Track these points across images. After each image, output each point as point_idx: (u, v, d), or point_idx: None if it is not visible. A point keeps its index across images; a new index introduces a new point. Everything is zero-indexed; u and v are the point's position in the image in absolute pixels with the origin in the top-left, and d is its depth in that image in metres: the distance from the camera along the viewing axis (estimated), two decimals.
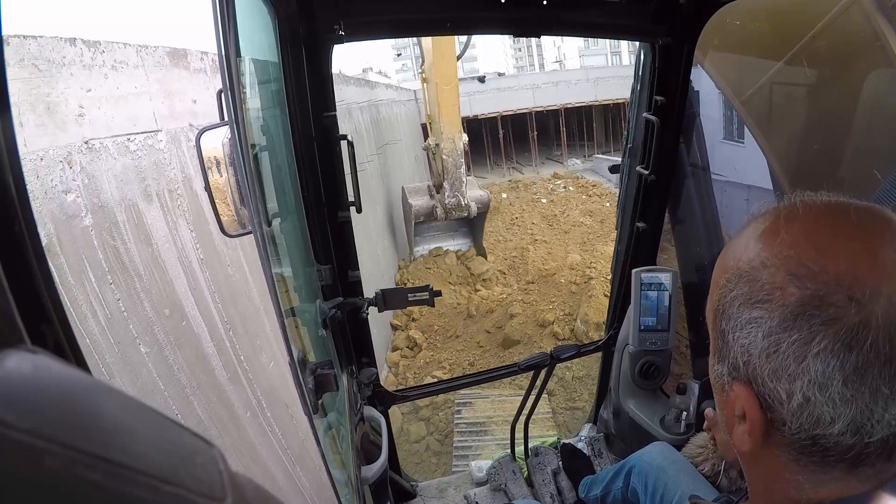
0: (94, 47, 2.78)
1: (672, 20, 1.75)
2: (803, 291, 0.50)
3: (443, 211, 10.38)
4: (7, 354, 0.22)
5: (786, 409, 0.52)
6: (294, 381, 1.03)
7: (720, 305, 0.58)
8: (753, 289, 0.54)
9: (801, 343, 0.50)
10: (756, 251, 0.55)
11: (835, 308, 0.48)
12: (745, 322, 0.54)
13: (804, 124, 1.95)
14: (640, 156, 2.01)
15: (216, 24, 0.82)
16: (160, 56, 3.37)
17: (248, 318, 3.80)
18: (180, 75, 3.59)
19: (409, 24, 1.70)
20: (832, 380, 0.49)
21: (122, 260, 2.66)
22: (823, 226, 0.53)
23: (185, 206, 3.27)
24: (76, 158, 2.48)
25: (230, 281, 3.66)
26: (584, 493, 1.89)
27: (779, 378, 0.52)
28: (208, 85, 3.86)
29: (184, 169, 3.32)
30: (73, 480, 0.20)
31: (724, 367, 0.58)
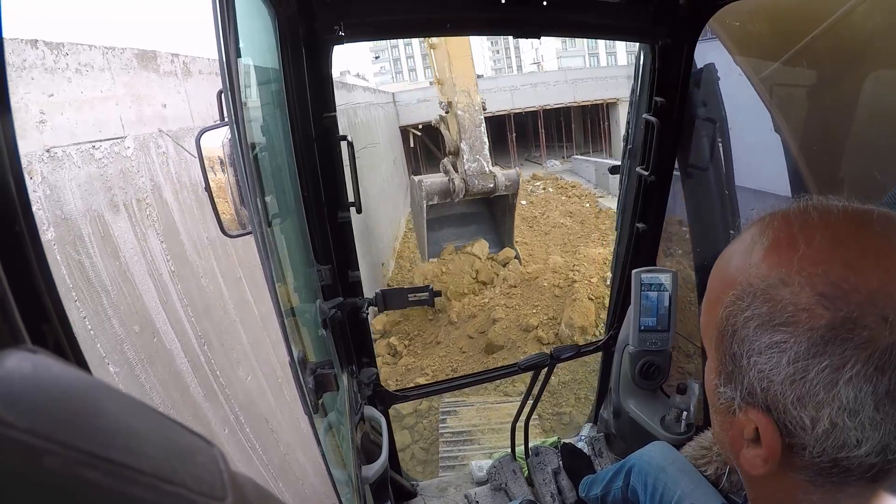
0: (57, 49, 2.66)
1: (671, 21, 1.75)
2: (834, 314, 0.46)
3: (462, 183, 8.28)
4: (7, 354, 0.22)
5: (809, 436, 0.49)
6: (294, 380, 1.03)
7: (728, 325, 0.54)
8: (774, 310, 0.49)
9: (832, 370, 0.46)
10: (771, 266, 0.51)
11: (869, 330, 0.45)
12: (766, 346, 0.50)
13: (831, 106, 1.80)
14: (640, 157, 2.01)
15: (216, 25, 0.82)
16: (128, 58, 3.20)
17: (224, 331, 3.62)
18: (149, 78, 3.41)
19: (408, 25, 1.69)
20: (863, 405, 0.46)
21: (87, 275, 2.53)
22: (848, 238, 0.49)
23: (154, 215, 3.10)
24: (37, 168, 2.36)
25: (203, 293, 3.49)
26: (584, 492, 1.89)
27: (804, 405, 0.48)
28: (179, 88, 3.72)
29: (153, 177, 3.15)
30: (73, 480, 0.20)
31: (735, 392, 0.54)
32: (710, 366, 0.60)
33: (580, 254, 10.54)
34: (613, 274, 2.40)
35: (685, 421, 1.86)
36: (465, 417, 6.32)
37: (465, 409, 6.45)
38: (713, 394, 0.60)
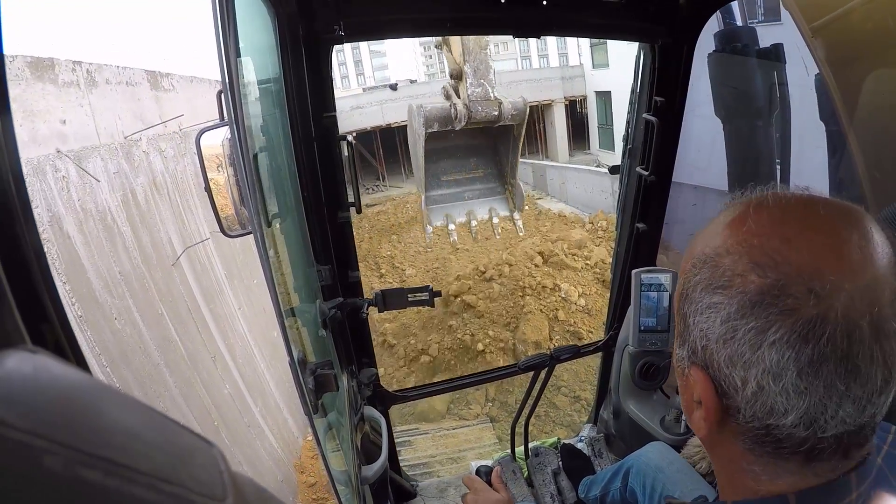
0: None
1: (671, 21, 1.75)
2: (763, 280, 0.50)
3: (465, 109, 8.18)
4: (7, 354, 0.22)
5: (740, 397, 0.53)
6: (294, 380, 1.03)
7: (684, 289, 0.58)
8: (715, 274, 0.54)
9: (758, 331, 0.50)
10: (723, 238, 0.55)
11: (793, 299, 0.48)
12: (705, 307, 0.54)
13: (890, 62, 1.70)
14: (640, 156, 2.01)
15: (216, 25, 0.82)
16: (18, 68, 2.88)
17: (146, 377, 3.35)
18: (44, 91, 3.04)
19: (408, 25, 1.69)
20: (786, 370, 0.49)
21: None
22: (791, 217, 0.53)
23: (53, 252, 2.82)
24: None
25: (119, 337, 3.18)
26: (583, 493, 1.89)
27: (734, 365, 0.52)
28: (81, 101, 3.32)
29: (51, 207, 2.84)
30: (73, 480, 0.20)
31: (684, 351, 0.59)
32: (677, 335, 0.63)
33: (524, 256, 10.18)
34: (613, 274, 2.40)
35: (685, 421, 1.86)
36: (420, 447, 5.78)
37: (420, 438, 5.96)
38: (674, 357, 0.63)
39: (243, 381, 4.76)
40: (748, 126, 2.37)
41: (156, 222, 4.06)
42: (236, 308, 5.20)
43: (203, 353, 4.22)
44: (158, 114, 4.53)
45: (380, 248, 13.56)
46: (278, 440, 5.06)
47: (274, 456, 4.88)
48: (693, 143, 2.37)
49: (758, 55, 2.32)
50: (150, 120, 4.30)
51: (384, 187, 20.04)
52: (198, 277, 4.48)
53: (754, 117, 2.35)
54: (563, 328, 8.33)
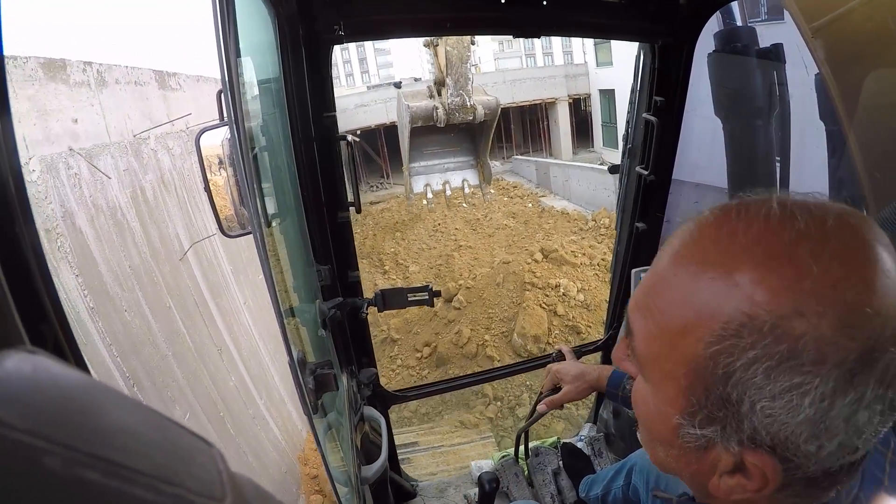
0: None
1: (671, 21, 1.75)
2: (860, 344, 0.41)
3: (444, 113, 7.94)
4: (6, 355, 0.22)
5: (811, 460, 0.45)
6: (294, 380, 1.03)
7: (718, 367, 0.45)
8: (793, 348, 0.41)
9: (854, 401, 0.42)
10: (776, 292, 0.42)
11: (888, 354, 0.41)
12: (782, 390, 0.42)
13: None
14: (640, 156, 2.01)
15: (216, 25, 0.82)
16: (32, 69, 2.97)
17: (155, 368, 3.44)
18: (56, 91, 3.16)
19: (408, 25, 1.69)
20: (872, 423, 0.43)
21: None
22: (852, 250, 0.43)
23: (66, 247, 2.91)
24: None
25: (129, 329, 3.28)
26: (584, 492, 1.89)
27: (818, 438, 0.44)
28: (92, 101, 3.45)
29: (64, 202, 2.96)
30: (72, 480, 0.20)
31: (719, 433, 0.48)
32: (667, 401, 0.52)
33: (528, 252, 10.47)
34: (613, 273, 2.40)
35: None
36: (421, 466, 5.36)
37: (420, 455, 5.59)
38: (671, 432, 0.52)
39: (248, 374, 4.83)
40: (748, 126, 2.38)
41: (164, 218, 4.15)
42: (241, 303, 5.28)
43: (209, 346, 4.31)
44: (166, 112, 4.62)
45: (384, 245, 13.55)
46: (282, 432, 5.11)
47: (278, 447, 4.95)
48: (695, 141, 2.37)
49: (758, 55, 2.32)
50: (158, 118, 4.39)
51: (388, 185, 20.05)
52: (204, 272, 4.57)
53: (754, 117, 2.35)
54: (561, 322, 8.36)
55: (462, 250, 12.23)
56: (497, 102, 9.11)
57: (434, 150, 10.16)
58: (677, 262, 0.49)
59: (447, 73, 8.65)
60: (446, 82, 8.62)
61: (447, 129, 9.32)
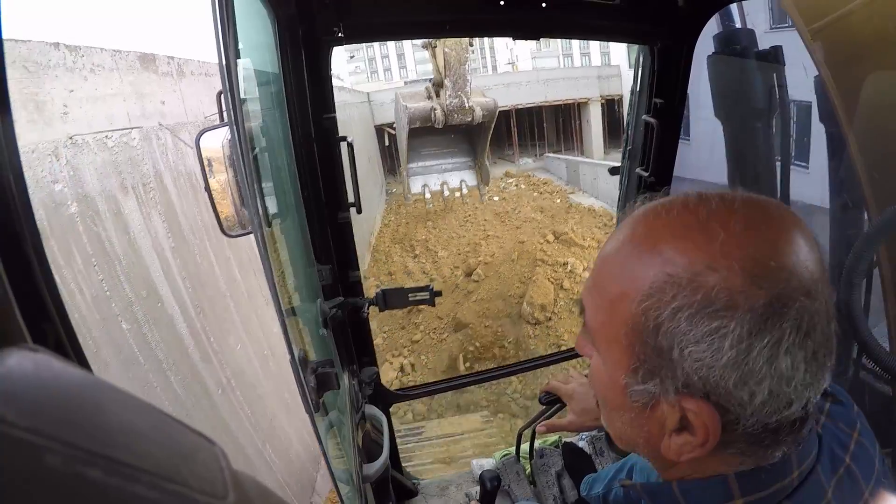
0: (75, 51, 3.05)
1: (671, 23, 1.75)
2: (768, 292, 0.47)
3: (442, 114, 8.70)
4: (8, 353, 0.22)
5: (748, 410, 0.50)
6: (295, 379, 1.03)
7: (649, 320, 0.52)
8: (706, 297, 0.48)
9: (773, 345, 0.48)
10: (685, 248, 0.50)
11: (798, 302, 0.48)
12: (703, 335, 0.49)
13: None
14: (640, 158, 2.01)
15: (216, 26, 0.82)
16: (132, 60, 3.68)
17: (217, 303, 4.17)
18: (149, 79, 3.92)
19: (408, 27, 1.70)
20: (797, 370, 0.48)
21: (103, 245, 2.97)
22: (758, 221, 0.51)
23: (156, 198, 3.63)
24: (62, 152, 2.79)
25: (199, 269, 3.96)
26: (585, 491, 1.88)
27: (745, 383, 0.49)
28: (174, 87, 4.26)
29: (155, 165, 3.70)
30: (74, 478, 0.20)
31: (660, 386, 0.53)
32: (615, 365, 0.58)
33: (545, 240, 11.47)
34: None
35: None
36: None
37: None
38: (622, 394, 0.57)
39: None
40: (748, 128, 2.38)
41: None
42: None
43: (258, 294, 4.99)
44: None
45: (416, 233, 14.49)
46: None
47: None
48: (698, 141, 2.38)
49: (757, 57, 2.32)
50: None
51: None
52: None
53: (754, 119, 2.35)
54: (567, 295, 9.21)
55: (489, 239, 13.03)
56: (495, 104, 9.21)
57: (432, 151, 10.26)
58: (615, 245, 0.57)
59: (445, 74, 8.67)
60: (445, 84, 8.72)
61: (445, 130, 9.42)
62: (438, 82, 9.02)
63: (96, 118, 3.16)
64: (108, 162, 3.16)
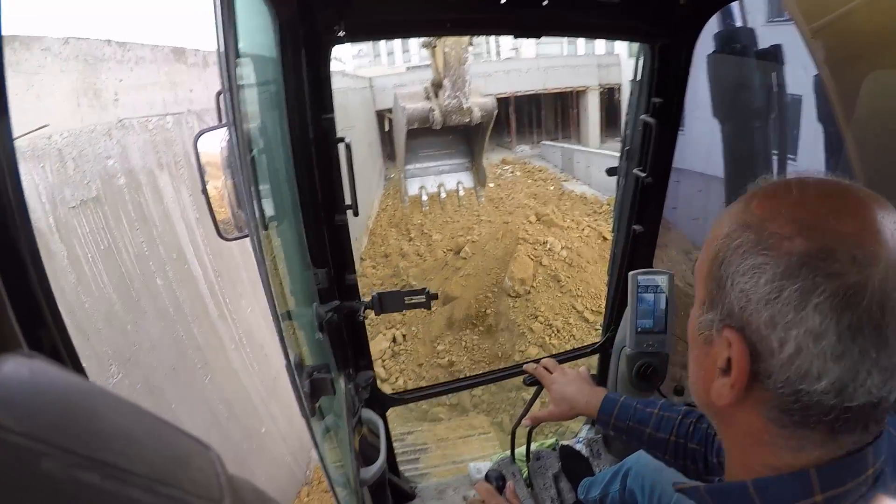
0: (123, 46, 3.57)
1: (671, 22, 1.75)
2: (811, 243, 0.51)
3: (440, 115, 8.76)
4: (4, 359, 0.22)
5: (775, 359, 0.53)
6: (291, 384, 1.03)
7: (720, 254, 0.58)
8: (761, 237, 0.54)
9: (803, 292, 0.50)
10: (766, 207, 0.56)
11: (839, 264, 0.49)
12: (748, 268, 0.54)
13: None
14: (638, 158, 2.01)
15: (216, 25, 0.82)
16: (167, 53, 4.25)
17: (232, 270, 4.74)
18: (180, 69, 4.46)
19: (408, 25, 1.69)
20: (827, 333, 0.49)
21: (143, 213, 3.52)
22: (835, 193, 0.55)
23: (185, 175, 4.18)
24: (114, 133, 3.32)
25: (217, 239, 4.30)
26: (582, 494, 1.89)
27: (775, 325, 0.52)
28: (201, 77, 4.80)
29: (184, 146, 4.24)
30: (70, 482, 0.20)
31: (715, 314, 0.58)
32: (696, 302, 0.63)
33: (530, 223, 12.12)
34: (610, 276, 2.40)
35: None
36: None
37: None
38: (695, 329, 0.63)
39: None
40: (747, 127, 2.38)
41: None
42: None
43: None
44: None
45: (412, 217, 14.89)
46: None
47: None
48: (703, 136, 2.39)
49: (757, 56, 2.32)
50: None
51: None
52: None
53: (753, 118, 2.35)
54: (545, 271, 9.78)
55: (482, 223, 13.66)
56: (493, 104, 9.21)
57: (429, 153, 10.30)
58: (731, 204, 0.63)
59: (444, 74, 8.70)
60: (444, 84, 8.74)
61: (443, 131, 9.44)
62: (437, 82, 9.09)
63: (139, 104, 3.66)
64: (147, 142, 3.68)
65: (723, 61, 2.33)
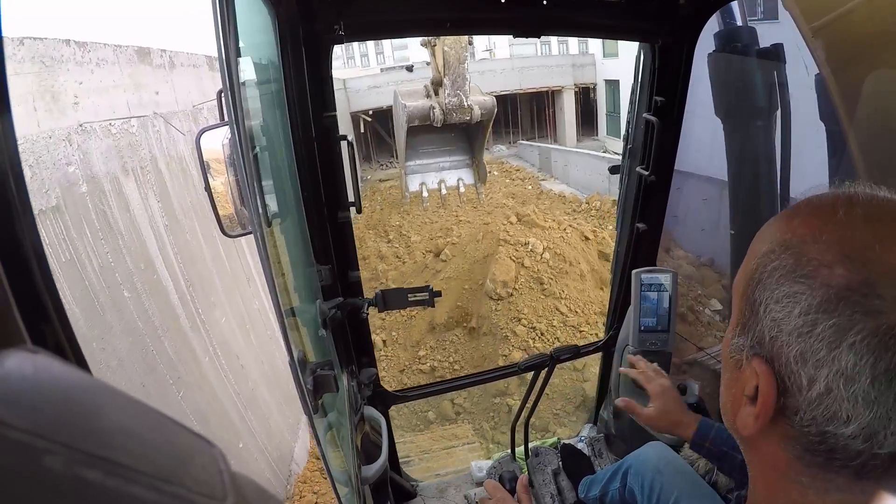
0: (83, 47, 3.40)
1: (671, 21, 1.75)
2: (852, 274, 0.46)
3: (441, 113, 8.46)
4: (7, 354, 0.22)
5: (803, 397, 0.49)
6: (294, 381, 1.03)
7: (757, 274, 0.54)
8: (799, 262, 0.50)
9: (838, 329, 0.46)
10: (809, 226, 0.51)
11: (880, 301, 0.45)
12: (783, 295, 0.50)
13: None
14: (640, 156, 2.00)
15: (216, 25, 0.82)
16: (130, 54, 4.07)
17: (204, 278, 4.55)
18: (145, 70, 4.31)
19: (408, 25, 1.69)
20: (861, 376, 0.45)
21: (108, 221, 3.34)
22: (885, 216, 0.49)
23: (152, 180, 4.03)
24: (74, 138, 3.16)
25: (189, 246, 4.40)
26: (583, 493, 1.89)
27: (805, 361, 0.48)
28: (167, 78, 4.69)
29: (151, 150, 4.10)
30: (73, 480, 0.20)
31: (746, 340, 0.55)
32: (731, 322, 0.60)
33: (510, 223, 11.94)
34: (613, 274, 2.40)
35: None
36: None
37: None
38: (727, 350, 0.60)
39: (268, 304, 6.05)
40: (748, 126, 2.37)
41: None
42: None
43: (240, 273, 5.45)
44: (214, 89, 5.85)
45: (390, 219, 14.77)
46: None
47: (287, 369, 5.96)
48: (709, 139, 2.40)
49: (758, 55, 2.31)
50: (209, 94, 5.58)
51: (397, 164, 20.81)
52: None
53: (754, 117, 2.35)
54: (527, 272, 9.66)
55: (461, 224, 13.46)
56: (493, 103, 9.20)
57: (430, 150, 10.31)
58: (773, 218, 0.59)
59: (444, 73, 8.60)
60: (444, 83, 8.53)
61: (443, 128, 9.46)
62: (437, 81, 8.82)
63: (101, 107, 3.49)
64: (111, 147, 3.51)
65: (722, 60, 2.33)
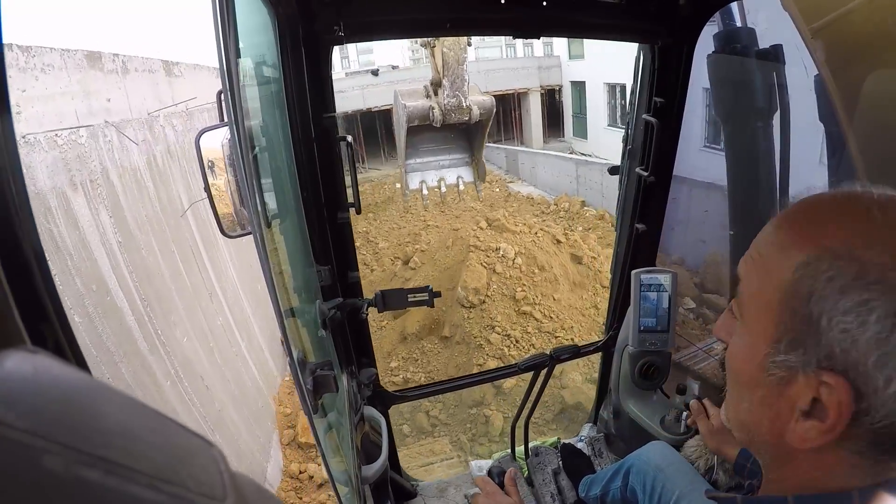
0: (27, 52, 3.18)
1: (671, 21, 1.75)
2: None
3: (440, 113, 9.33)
4: (7, 354, 0.22)
5: (878, 398, 0.49)
6: (294, 381, 1.03)
7: (804, 287, 0.52)
8: (862, 270, 0.49)
9: None
10: (851, 230, 0.51)
11: None
12: (853, 305, 0.49)
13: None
14: (640, 157, 2.00)
15: (216, 25, 0.82)
16: (79, 59, 3.85)
17: (163, 296, 4.35)
18: (96, 76, 4.07)
19: (408, 25, 1.69)
20: None
21: (55, 241, 3.09)
22: None
23: (104, 194, 3.80)
24: None
25: (145, 263, 4.22)
26: (583, 492, 1.89)
27: (884, 365, 0.48)
28: (120, 84, 4.46)
29: (102, 161, 3.89)
30: (72, 479, 0.20)
31: (805, 356, 0.53)
32: (758, 337, 0.58)
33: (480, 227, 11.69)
34: (613, 274, 2.40)
35: (685, 421, 1.86)
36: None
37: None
38: (759, 368, 0.57)
39: (232, 319, 5.78)
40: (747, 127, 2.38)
41: (169, 181, 5.14)
42: (228, 259, 6.32)
43: (202, 288, 5.21)
44: (171, 96, 5.64)
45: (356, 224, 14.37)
46: (260, 373, 6.10)
47: (256, 385, 5.88)
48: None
49: (757, 56, 2.32)
50: (166, 101, 5.42)
51: (364, 169, 20.85)
52: (199, 228, 5.50)
53: (754, 118, 2.35)
54: (499, 279, 9.51)
55: (429, 229, 13.31)
56: (492, 102, 9.30)
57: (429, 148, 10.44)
58: (781, 218, 0.59)
59: (443, 74, 9.04)
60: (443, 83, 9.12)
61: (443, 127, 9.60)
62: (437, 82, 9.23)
63: (47, 117, 3.27)
64: (58, 159, 3.29)
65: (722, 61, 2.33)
